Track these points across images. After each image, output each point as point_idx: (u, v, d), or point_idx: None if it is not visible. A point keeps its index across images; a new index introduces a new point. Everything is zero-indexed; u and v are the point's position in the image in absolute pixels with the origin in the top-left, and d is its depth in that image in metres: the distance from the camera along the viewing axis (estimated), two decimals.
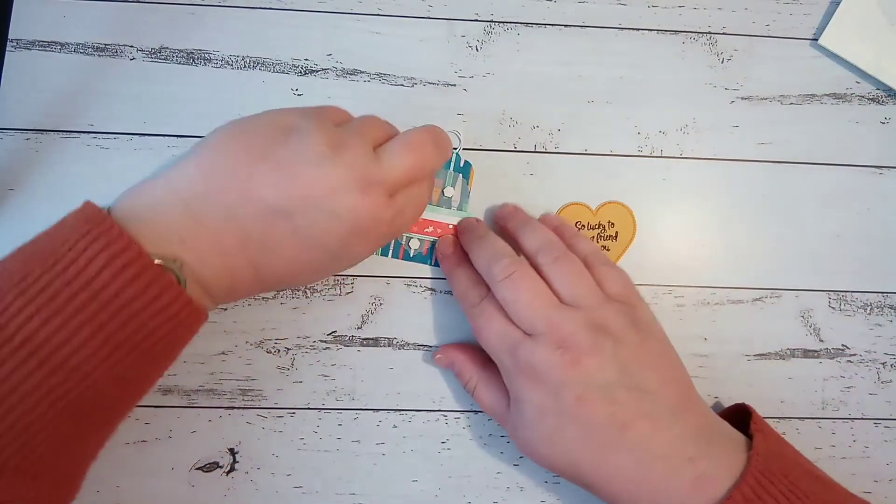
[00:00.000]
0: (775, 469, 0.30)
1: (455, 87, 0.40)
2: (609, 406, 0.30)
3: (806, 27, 0.41)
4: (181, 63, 0.39)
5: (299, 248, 0.30)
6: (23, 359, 0.25)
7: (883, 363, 0.39)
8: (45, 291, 0.26)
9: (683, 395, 0.32)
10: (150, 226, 0.28)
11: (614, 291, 0.33)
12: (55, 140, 0.38)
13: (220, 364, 0.37)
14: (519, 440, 0.33)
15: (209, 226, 0.29)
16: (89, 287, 0.26)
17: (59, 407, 0.26)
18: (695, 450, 0.30)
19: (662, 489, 0.30)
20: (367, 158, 0.30)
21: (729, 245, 0.40)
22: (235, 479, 0.36)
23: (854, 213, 0.40)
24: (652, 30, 0.41)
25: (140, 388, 0.30)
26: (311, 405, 0.37)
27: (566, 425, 0.31)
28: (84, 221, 0.27)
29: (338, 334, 0.38)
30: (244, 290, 0.31)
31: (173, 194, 0.29)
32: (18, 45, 0.38)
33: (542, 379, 0.31)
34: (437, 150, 0.32)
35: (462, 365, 0.36)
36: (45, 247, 0.27)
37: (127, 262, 0.26)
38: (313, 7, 0.40)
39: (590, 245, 0.36)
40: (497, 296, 0.33)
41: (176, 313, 0.28)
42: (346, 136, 0.30)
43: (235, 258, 0.29)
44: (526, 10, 0.40)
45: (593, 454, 0.31)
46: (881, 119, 0.41)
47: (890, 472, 0.39)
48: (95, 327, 0.26)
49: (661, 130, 0.40)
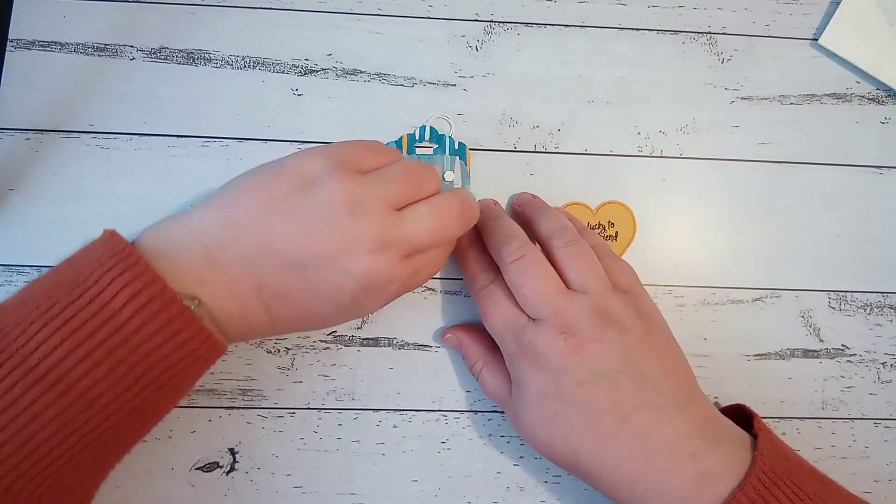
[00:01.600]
0: (779, 470, 0.30)
1: (455, 87, 0.40)
2: (610, 393, 0.30)
3: (806, 27, 0.41)
4: (181, 63, 0.39)
5: (312, 299, 0.30)
6: (45, 388, 0.26)
7: (883, 363, 0.39)
8: (69, 323, 0.26)
9: (687, 388, 0.32)
10: (171, 263, 0.28)
11: (621, 281, 0.34)
12: (55, 140, 0.38)
13: (220, 364, 0.37)
14: (520, 425, 0.33)
15: (227, 271, 0.29)
16: (112, 320, 0.26)
17: (77, 436, 0.27)
18: (698, 446, 0.30)
19: (664, 484, 0.30)
20: (387, 220, 0.29)
21: (729, 245, 0.40)
22: (235, 479, 0.36)
23: (854, 213, 0.40)
24: (652, 30, 0.41)
25: (155, 417, 0.30)
26: (311, 405, 0.37)
27: (567, 410, 0.31)
28: (109, 254, 0.27)
29: (338, 334, 0.38)
30: (257, 333, 0.32)
31: (194, 238, 0.29)
32: (18, 45, 0.38)
33: (544, 363, 0.31)
34: (461, 222, 0.32)
35: (470, 346, 0.36)
36: (70, 277, 0.27)
37: (151, 297, 0.27)
38: (313, 7, 0.40)
39: (597, 239, 0.37)
40: (506, 278, 0.33)
41: (196, 348, 0.28)
42: (368, 194, 0.30)
43: (251, 303, 0.30)
44: (526, 10, 0.40)
45: (594, 442, 0.31)
46: (881, 119, 0.41)
47: (890, 472, 0.39)
48: (117, 360, 0.26)
49: (661, 130, 0.40)
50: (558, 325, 0.31)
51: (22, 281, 0.37)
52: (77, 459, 0.27)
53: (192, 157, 0.38)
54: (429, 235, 0.31)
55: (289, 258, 0.29)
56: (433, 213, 0.31)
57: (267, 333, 0.32)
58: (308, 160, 0.30)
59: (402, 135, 0.39)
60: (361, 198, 0.29)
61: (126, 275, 0.27)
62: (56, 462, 0.26)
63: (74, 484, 0.28)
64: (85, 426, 0.26)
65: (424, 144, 0.39)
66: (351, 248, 0.29)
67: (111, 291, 0.26)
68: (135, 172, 0.38)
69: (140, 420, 0.29)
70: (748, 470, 0.29)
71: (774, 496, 0.29)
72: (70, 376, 0.26)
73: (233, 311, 0.30)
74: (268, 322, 0.31)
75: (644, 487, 0.30)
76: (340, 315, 0.32)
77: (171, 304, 0.27)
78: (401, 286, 0.31)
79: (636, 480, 0.30)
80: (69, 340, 0.26)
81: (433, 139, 0.39)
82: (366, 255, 0.29)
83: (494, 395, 0.35)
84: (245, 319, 0.30)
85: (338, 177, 0.29)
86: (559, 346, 0.31)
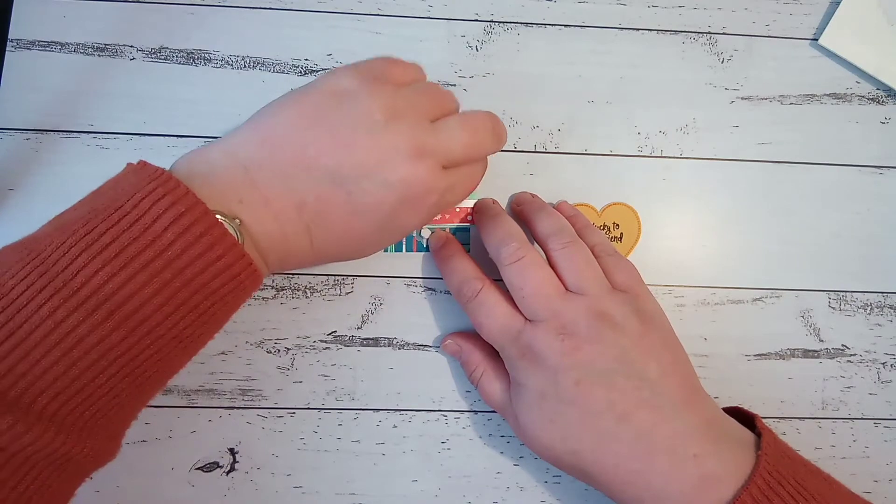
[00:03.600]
0: (783, 470, 0.30)
1: (455, 88, 0.40)
2: (608, 392, 0.30)
3: (806, 27, 0.41)
4: (181, 63, 0.39)
5: (351, 215, 0.30)
6: (89, 312, 0.25)
7: (883, 363, 0.39)
8: (110, 247, 0.25)
9: (688, 388, 0.32)
10: (209, 185, 0.28)
11: (620, 281, 0.34)
12: (55, 140, 0.38)
13: (220, 364, 0.37)
14: (521, 428, 0.33)
15: (266, 189, 0.29)
16: (155, 244, 0.26)
17: (119, 363, 0.26)
18: (700, 447, 0.30)
19: (665, 485, 0.30)
20: (422, 128, 0.30)
21: (729, 245, 0.40)
22: (235, 479, 0.36)
23: (854, 213, 0.40)
24: (652, 30, 0.41)
25: (194, 347, 0.29)
26: (311, 405, 0.37)
27: (566, 410, 0.31)
28: (147, 180, 0.27)
29: (338, 334, 0.38)
30: (296, 260, 0.31)
31: (231, 157, 0.29)
32: (18, 45, 0.38)
33: (542, 364, 0.31)
34: (493, 136, 0.33)
35: (469, 354, 0.36)
36: (108, 203, 0.26)
37: (193, 220, 0.26)
38: (313, 7, 0.40)
39: (600, 236, 0.36)
40: (504, 278, 0.33)
41: (237, 274, 0.28)
42: (402, 104, 0.30)
43: (291, 223, 0.30)
44: (526, 10, 0.40)
45: (593, 443, 0.31)
46: (881, 119, 0.41)
47: (890, 472, 0.39)
48: (160, 284, 0.26)
49: (661, 130, 0.40)
50: (556, 327, 0.31)
51: None
52: (117, 389, 0.27)
53: None
54: (463, 147, 0.31)
55: (327, 171, 0.29)
56: (465, 125, 0.31)
57: (307, 261, 0.32)
58: (341, 76, 0.31)
59: None
60: (396, 107, 0.30)
61: (167, 198, 0.26)
62: (98, 392, 0.26)
63: (113, 416, 0.27)
64: (128, 353, 0.26)
65: None
66: (389, 157, 0.29)
67: (153, 215, 0.26)
68: None
69: (179, 349, 0.28)
70: (752, 471, 0.29)
71: (779, 496, 0.29)
72: (114, 300, 0.25)
73: (273, 233, 0.29)
74: (308, 245, 0.30)
75: (645, 489, 0.30)
76: (380, 235, 0.32)
77: (213, 227, 0.26)
78: (438, 199, 0.31)
79: (637, 482, 0.30)
80: (112, 263, 0.25)
81: None
82: (404, 162, 0.29)
83: (494, 402, 0.35)
84: (285, 243, 0.30)
85: (372, 88, 0.30)
86: (557, 346, 0.31)
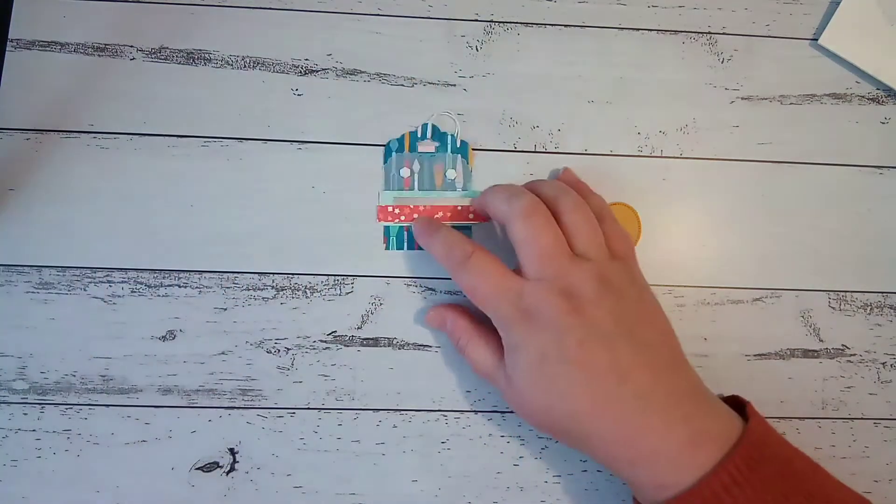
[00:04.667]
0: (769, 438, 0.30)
1: (455, 87, 0.40)
2: (610, 352, 0.31)
3: (806, 27, 0.41)
4: (181, 63, 0.39)
5: None
6: None
7: (883, 363, 0.39)
8: None
9: (676, 354, 0.33)
10: None
11: (618, 248, 0.34)
12: (55, 140, 0.38)
13: (220, 364, 0.37)
14: (513, 393, 0.33)
15: None
16: None
17: None
18: (689, 408, 0.31)
19: (657, 445, 0.30)
20: None
21: (729, 245, 0.40)
22: (235, 479, 0.36)
23: (854, 213, 0.40)
24: (652, 30, 0.41)
25: None
26: (311, 405, 0.37)
27: (569, 370, 0.31)
28: None
29: (338, 334, 0.38)
30: None
31: None
32: (18, 45, 0.38)
33: (545, 324, 0.31)
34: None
35: (454, 322, 0.36)
36: None
37: None
38: (313, 7, 0.40)
39: (601, 200, 0.37)
40: (512, 230, 0.33)
41: None
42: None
43: None
44: (526, 10, 0.40)
45: (593, 403, 0.31)
46: (881, 119, 0.41)
47: (890, 472, 0.39)
48: None
49: (661, 130, 0.40)
50: (561, 286, 0.32)
51: (22, 281, 0.36)
52: None
53: (192, 157, 0.38)
54: None
55: None
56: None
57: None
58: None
59: (403, 132, 0.39)
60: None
61: None
62: None
63: None
64: None
65: (426, 142, 0.39)
66: None
67: None
68: (135, 172, 0.38)
69: None
70: (741, 434, 0.30)
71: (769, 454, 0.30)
72: None
73: None
74: None
75: (637, 451, 0.30)
76: None
77: None
78: None
79: (632, 442, 0.30)
80: None
81: (435, 137, 0.39)
82: None
83: (482, 369, 0.35)
84: None
85: None
86: (562, 306, 0.31)
